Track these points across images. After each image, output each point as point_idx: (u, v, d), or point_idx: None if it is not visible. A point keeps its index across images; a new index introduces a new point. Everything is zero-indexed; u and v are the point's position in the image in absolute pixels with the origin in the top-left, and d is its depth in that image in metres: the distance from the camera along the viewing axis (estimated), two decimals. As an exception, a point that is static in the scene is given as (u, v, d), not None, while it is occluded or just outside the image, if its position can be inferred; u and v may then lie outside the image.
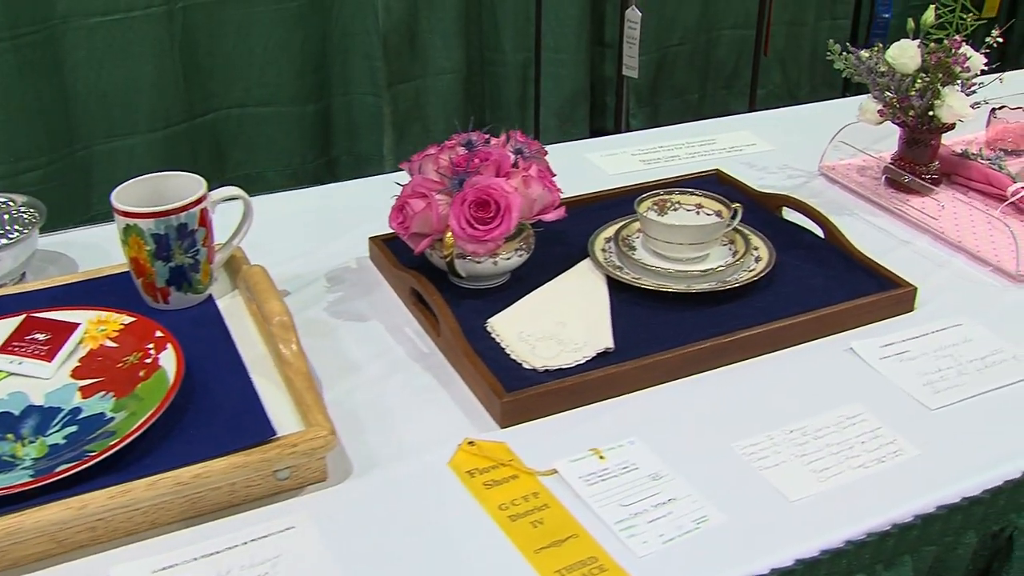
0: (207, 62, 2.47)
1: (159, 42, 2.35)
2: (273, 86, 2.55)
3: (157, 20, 2.34)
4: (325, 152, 2.73)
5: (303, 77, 2.59)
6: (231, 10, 2.45)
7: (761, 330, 1.00)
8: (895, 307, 1.06)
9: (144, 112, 2.39)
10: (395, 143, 2.71)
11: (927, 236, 1.23)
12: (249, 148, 2.61)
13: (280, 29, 2.51)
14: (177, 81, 2.42)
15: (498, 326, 1.02)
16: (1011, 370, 0.99)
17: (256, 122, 2.58)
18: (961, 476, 0.86)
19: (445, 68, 2.72)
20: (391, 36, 2.61)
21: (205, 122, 2.52)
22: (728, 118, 1.57)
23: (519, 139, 1.11)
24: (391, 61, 2.63)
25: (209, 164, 2.55)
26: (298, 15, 2.52)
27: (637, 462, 0.87)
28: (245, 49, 2.49)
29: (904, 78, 1.24)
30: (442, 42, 2.69)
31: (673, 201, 1.16)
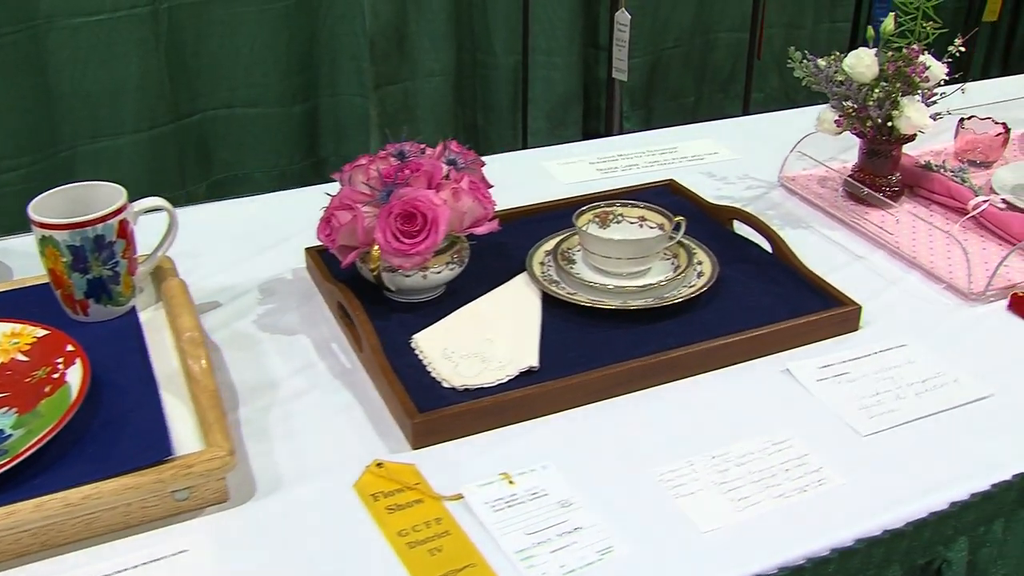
0: (193, 62, 2.45)
1: (144, 42, 2.34)
2: (260, 87, 2.54)
3: (142, 20, 2.32)
4: (312, 153, 2.71)
5: (290, 78, 2.57)
6: (217, 10, 2.43)
7: (692, 350, 0.97)
8: (838, 326, 1.03)
9: (129, 112, 2.38)
10: (382, 145, 2.68)
11: (883, 251, 1.19)
12: (236, 149, 2.59)
13: (266, 29, 2.49)
14: (163, 81, 2.40)
15: (423, 342, 0.99)
16: (950, 394, 0.95)
17: (243, 123, 2.57)
18: (885, 508, 0.82)
19: (434, 70, 2.69)
20: (378, 38, 2.58)
21: (192, 123, 2.51)
22: (692, 126, 1.54)
23: (454, 149, 1.08)
24: (378, 63, 2.60)
25: (196, 165, 2.54)
26: (284, 15, 2.50)
27: (548, 488, 0.84)
28: (231, 49, 2.48)
29: (861, 87, 1.20)
30: (431, 44, 2.66)
31: (616, 213, 1.13)
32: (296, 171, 2.69)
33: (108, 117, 2.37)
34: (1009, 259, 1.16)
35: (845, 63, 1.20)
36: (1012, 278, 1.12)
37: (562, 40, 2.78)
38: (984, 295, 1.09)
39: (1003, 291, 1.10)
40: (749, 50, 2.76)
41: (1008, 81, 1.87)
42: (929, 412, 0.93)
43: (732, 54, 3.06)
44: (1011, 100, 1.50)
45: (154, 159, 2.44)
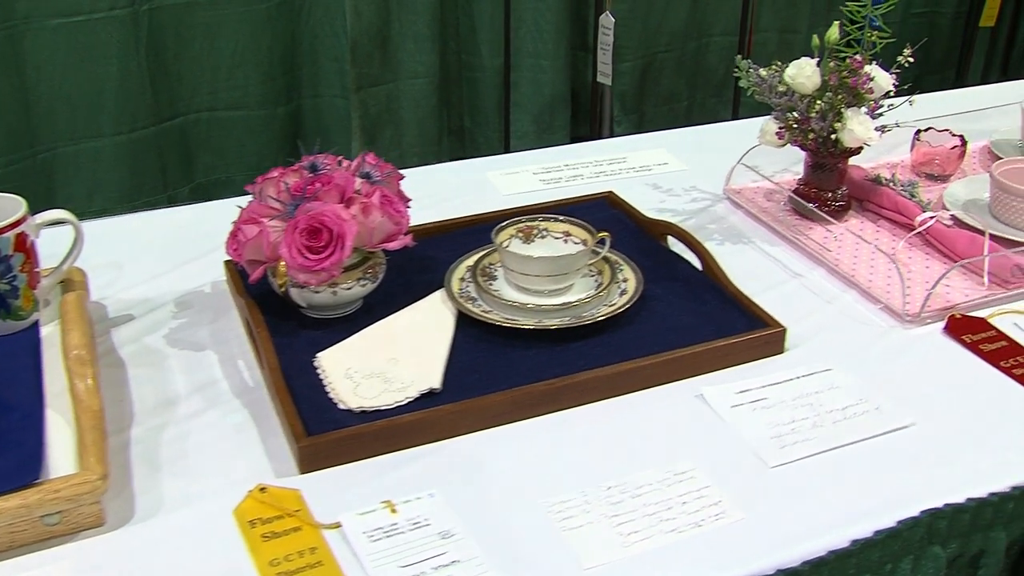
0: (174, 65, 2.44)
1: (124, 44, 2.33)
2: (242, 89, 2.52)
3: (121, 22, 2.31)
4: (295, 155, 2.68)
5: (272, 80, 2.55)
6: (198, 13, 2.42)
7: (601, 373, 0.93)
8: (761, 349, 0.99)
9: (109, 115, 2.37)
10: (364, 148, 2.66)
11: (823, 269, 1.15)
12: (218, 152, 2.58)
13: (248, 32, 2.47)
14: (143, 84, 2.39)
15: (326, 361, 0.96)
16: (869, 423, 0.91)
17: (225, 125, 2.55)
18: (782, 545, 0.78)
19: (417, 72, 2.66)
20: (361, 39, 2.56)
21: (173, 125, 2.50)
22: (646, 135, 1.50)
23: (369, 162, 1.06)
24: (360, 65, 2.58)
25: (178, 168, 2.53)
26: (266, 18, 2.48)
27: (430, 517, 0.81)
28: (213, 52, 2.46)
29: (803, 99, 1.15)
30: (414, 46, 2.63)
31: (540, 228, 1.09)
32: (279, 174, 2.67)
33: (88, 119, 2.36)
34: (951, 279, 1.11)
35: (786, 73, 1.16)
36: (952, 299, 1.08)
37: (549, 43, 2.74)
38: (919, 317, 1.04)
39: (941, 313, 1.06)
40: (739, 53, 2.71)
41: (998, 88, 1.82)
42: (844, 442, 0.88)
43: (725, 58, 3.01)
44: (970, 112, 1.44)
45: (135, 162, 2.43)
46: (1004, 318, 1.06)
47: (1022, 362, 1.00)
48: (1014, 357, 1.00)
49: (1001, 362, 0.99)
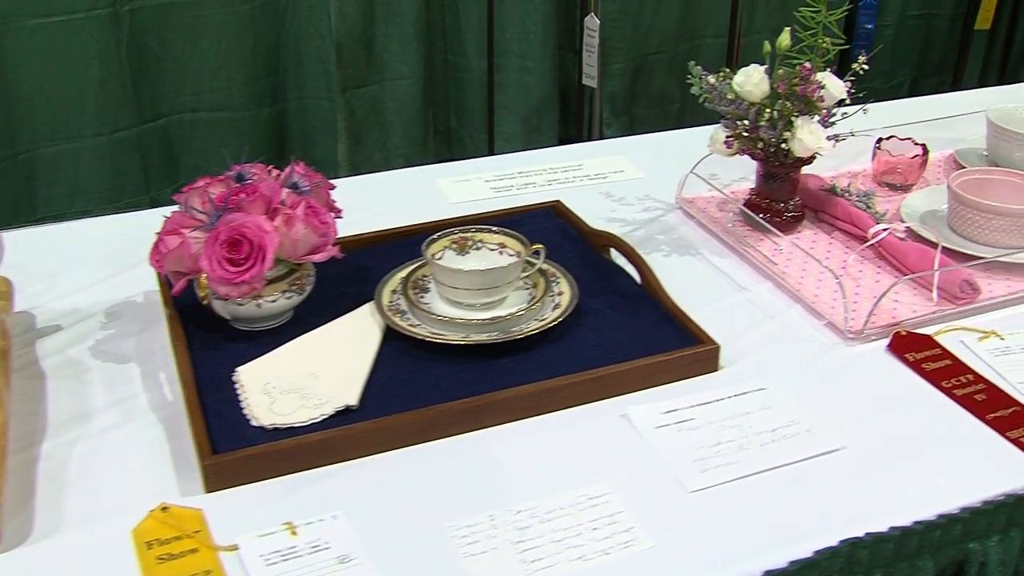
0: (157, 66, 2.43)
1: (104, 45, 2.32)
2: (225, 90, 2.51)
3: (102, 22, 2.30)
4: (281, 157, 2.67)
5: (257, 81, 2.54)
6: (180, 13, 2.40)
7: (522, 391, 0.90)
8: (693, 367, 0.96)
9: (91, 115, 2.36)
10: (350, 149, 2.65)
11: (770, 283, 1.11)
12: (203, 153, 2.57)
13: (231, 32, 2.46)
14: (125, 84, 2.38)
15: (245, 376, 0.94)
16: (798, 446, 0.88)
17: (209, 126, 2.54)
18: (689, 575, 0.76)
19: (403, 73, 2.64)
20: (346, 41, 2.54)
21: (156, 126, 2.49)
22: (606, 142, 1.47)
23: (298, 172, 1.03)
24: (345, 66, 2.56)
25: (161, 169, 2.52)
26: (249, 18, 2.47)
27: (331, 541, 0.78)
28: (196, 53, 2.45)
29: (752, 107, 1.12)
30: (400, 47, 2.61)
31: (475, 240, 1.07)
32: (264, 175, 2.66)
33: (68, 120, 2.35)
34: (901, 295, 1.08)
35: (734, 81, 1.13)
36: (899, 315, 1.05)
37: (535, 44, 2.71)
38: (862, 334, 1.01)
39: (886, 329, 1.02)
40: (727, 57, 2.67)
41: (986, 92, 1.78)
42: (769, 466, 0.85)
43: (718, 60, 2.96)
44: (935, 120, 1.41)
45: (117, 163, 2.43)
46: (951, 335, 1.03)
47: (965, 382, 0.96)
48: (957, 377, 0.97)
49: (943, 382, 0.96)
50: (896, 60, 3.09)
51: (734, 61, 2.74)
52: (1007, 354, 1.01)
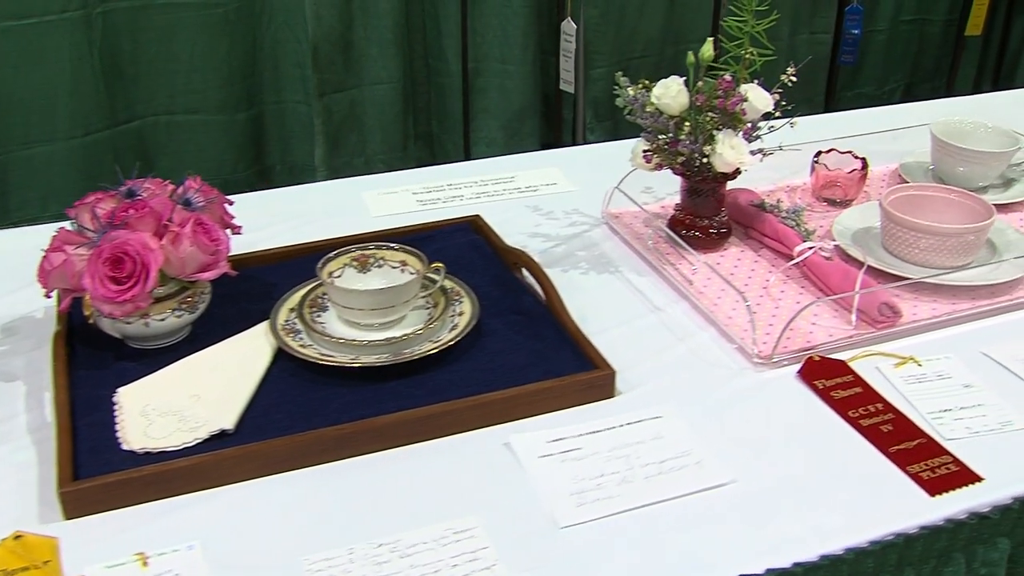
0: (130, 68, 2.42)
1: (76, 47, 2.31)
2: (200, 93, 2.49)
3: (74, 25, 2.29)
4: (258, 161, 2.66)
5: (232, 84, 2.52)
6: (154, 16, 2.39)
7: (396, 418, 0.87)
8: (585, 394, 0.92)
9: (63, 118, 2.35)
10: (328, 154, 2.62)
11: (686, 303, 1.08)
12: (178, 156, 2.56)
13: (206, 35, 2.44)
14: (97, 87, 2.37)
15: (126, 397, 0.92)
16: (685, 480, 0.84)
17: (184, 130, 2.53)
18: (547, 617, 0.72)
19: (382, 78, 2.61)
20: (322, 44, 2.52)
21: (130, 129, 2.48)
22: (542, 152, 1.44)
23: (191, 187, 1.01)
24: (323, 70, 2.54)
25: (136, 172, 2.51)
26: (224, 21, 2.45)
27: (182, 572, 0.76)
28: (170, 55, 2.43)
29: (670, 120, 1.08)
30: (378, 51, 2.59)
31: (377, 257, 1.04)
32: (241, 179, 2.64)
33: (41, 123, 2.34)
34: (820, 317, 1.04)
35: (653, 93, 1.09)
36: (815, 339, 1.00)
37: (516, 48, 2.68)
38: (771, 359, 0.97)
39: (798, 354, 0.98)
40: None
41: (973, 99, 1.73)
42: (650, 501, 0.82)
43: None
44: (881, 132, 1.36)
45: (91, 165, 2.42)
46: (867, 361, 0.99)
47: (873, 412, 0.92)
48: (865, 406, 0.92)
49: (849, 411, 0.92)
50: (888, 66, 3.02)
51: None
52: (922, 382, 0.96)
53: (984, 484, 0.84)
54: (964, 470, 0.86)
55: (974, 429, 0.90)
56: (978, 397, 0.94)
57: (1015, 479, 0.85)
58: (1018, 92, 1.88)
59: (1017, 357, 0.99)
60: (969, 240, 1.09)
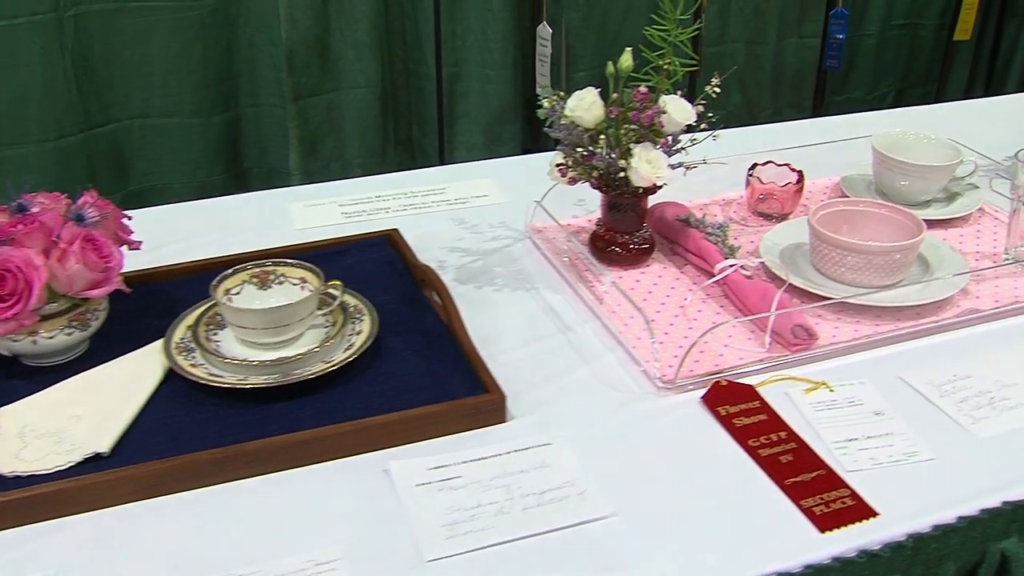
0: (104, 71, 2.41)
1: (48, 50, 2.30)
2: (175, 96, 2.48)
3: (44, 28, 2.29)
4: (235, 164, 2.65)
5: (207, 88, 2.51)
6: (126, 18, 2.38)
7: (273, 443, 0.84)
8: (472, 419, 0.89)
9: (34, 121, 2.35)
10: (303, 158, 2.60)
11: (598, 322, 1.04)
12: (153, 159, 2.55)
13: (180, 38, 2.43)
14: (70, 90, 2.37)
15: (6, 417, 0.89)
16: (563, 512, 0.80)
17: (160, 132, 2.52)
18: (397, 657, 0.69)
19: (359, 82, 2.59)
20: (298, 48, 2.50)
21: (104, 132, 2.47)
22: (476, 163, 1.41)
23: (87, 202, 0.98)
24: (298, 74, 2.52)
25: (110, 175, 2.50)
26: (198, 25, 2.44)
27: (29, 606, 0.74)
28: (144, 58, 2.43)
29: (585, 133, 1.05)
30: (355, 54, 2.57)
31: (278, 274, 1.01)
32: (218, 182, 2.63)
33: (12, 126, 2.34)
34: (734, 339, 1.00)
35: (568, 105, 1.06)
36: (725, 362, 0.97)
37: (496, 52, 2.65)
38: (674, 383, 0.94)
39: (707, 378, 0.94)
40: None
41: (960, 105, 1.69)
42: (524, 534, 0.78)
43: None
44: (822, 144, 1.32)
45: (64, 169, 2.41)
46: (778, 386, 0.95)
47: (775, 440, 0.88)
48: (768, 434, 0.89)
49: (750, 440, 0.88)
50: (879, 71, 2.97)
51: (698, 72, 2.66)
52: (832, 409, 0.92)
53: (879, 520, 0.80)
54: (860, 504, 0.82)
55: (878, 460, 0.86)
56: (888, 426, 0.91)
57: (913, 514, 0.81)
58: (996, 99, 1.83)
59: (933, 382, 0.96)
60: (896, 259, 1.05)
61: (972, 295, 1.08)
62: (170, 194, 2.62)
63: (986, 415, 0.92)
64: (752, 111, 2.93)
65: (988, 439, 0.89)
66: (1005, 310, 1.06)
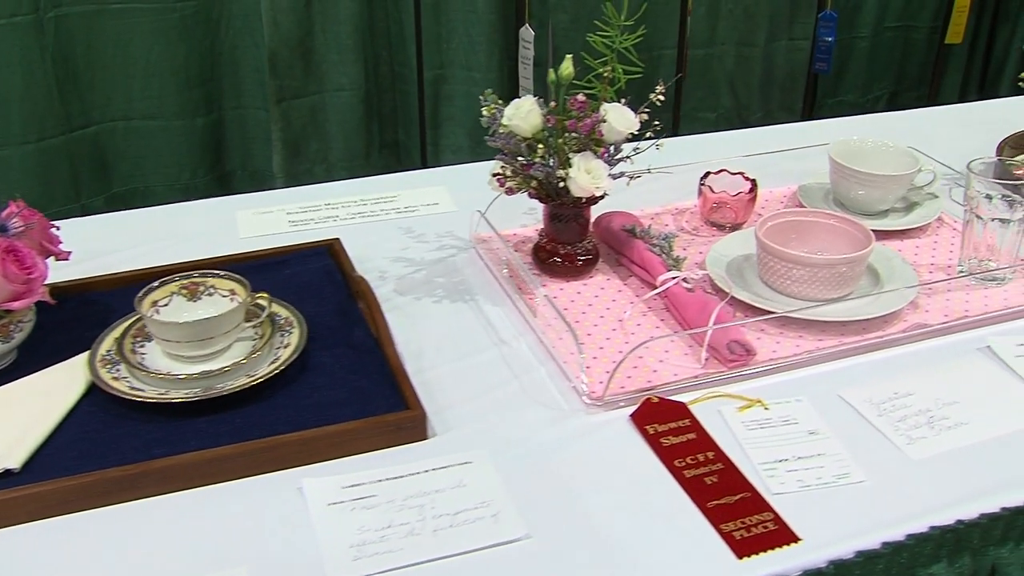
0: (86, 73, 2.41)
1: (27, 52, 2.30)
2: (157, 99, 2.48)
3: (23, 29, 2.28)
4: (218, 167, 2.64)
5: (191, 89, 2.50)
6: (108, 20, 2.38)
7: (182, 460, 0.83)
8: (392, 436, 0.87)
9: (15, 123, 2.34)
10: (287, 161, 2.59)
11: (533, 336, 1.02)
12: (136, 161, 2.54)
13: (162, 41, 2.42)
14: (51, 92, 2.36)
15: (-80, 430, 0.89)
16: (474, 534, 0.78)
17: (142, 135, 2.51)
18: None
19: (343, 84, 2.58)
20: (280, 50, 2.49)
21: (86, 134, 2.47)
22: (439, 170, 1.39)
23: (12, 212, 0.97)
24: (281, 76, 2.51)
25: (92, 177, 2.50)
26: (180, 27, 2.43)
27: (-80, 627, 0.72)
28: (127, 60, 2.42)
29: (522, 142, 1.03)
30: (338, 57, 2.55)
31: (208, 285, 0.99)
32: (201, 184, 2.62)
33: (-8, 127, 2.35)
34: (672, 354, 0.97)
35: (505, 113, 1.03)
36: (659, 378, 0.94)
37: (481, 55, 2.63)
38: (603, 399, 0.91)
39: (638, 395, 0.92)
40: (677, 68, 2.57)
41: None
42: (431, 557, 0.76)
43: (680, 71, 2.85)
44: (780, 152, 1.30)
45: (45, 171, 2.41)
46: (711, 403, 0.93)
47: (702, 461, 0.86)
48: (695, 454, 0.86)
49: (676, 460, 0.86)
50: (872, 73, 2.93)
51: (684, 74, 2.63)
52: (765, 427, 0.90)
53: (801, 545, 0.78)
54: (783, 529, 0.79)
55: (806, 482, 0.84)
56: (821, 446, 0.88)
57: (836, 539, 0.78)
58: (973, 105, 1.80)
59: (873, 400, 0.93)
60: (842, 271, 1.03)
61: (922, 309, 1.06)
62: (153, 197, 2.61)
63: (923, 435, 0.89)
64: (742, 114, 2.90)
65: (922, 461, 0.86)
66: (953, 325, 1.03)
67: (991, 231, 1.09)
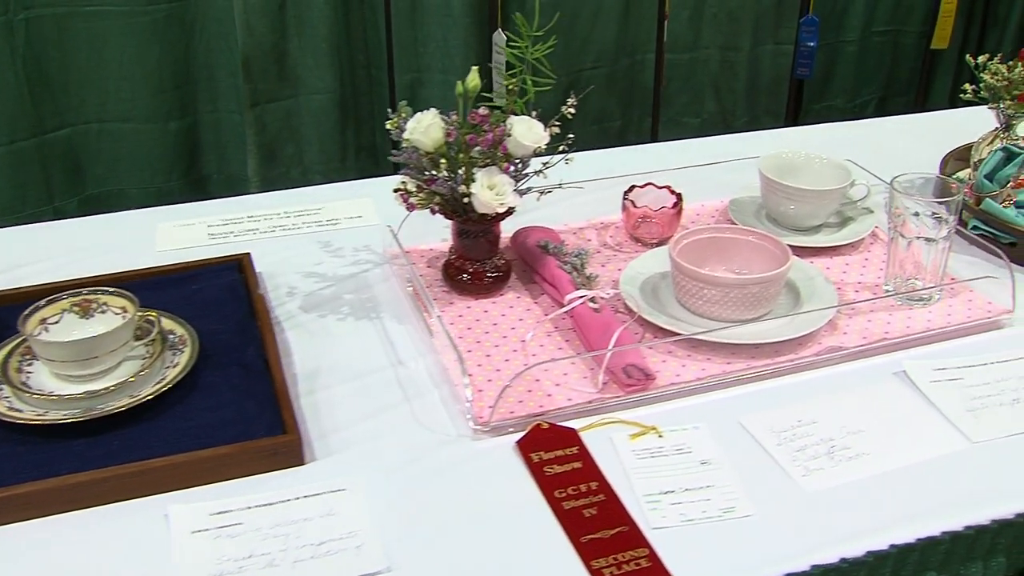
0: (59, 76, 2.40)
1: (-3, 54, 2.30)
2: (130, 101, 2.47)
3: (-7, 32, 2.29)
4: (194, 170, 2.63)
5: (164, 93, 2.49)
6: (79, 22, 2.37)
7: (44, 485, 0.80)
8: (267, 461, 0.84)
9: (-14, 126, 2.35)
10: (262, 165, 2.58)
11: (434, 356, 0.99)
12: (110, 164, 2.54)
13: (135, 44, 2.41)
14: (22, 95, 2.36)
15: None
16: (336, 566, 0.76)
17: (116, 138, 2.50)
18: None
19: (318, 88, 2.56)
20: (254, 54, 2.47)
21: (59, 137, 2.46)
22: (368, 181, 1.37)
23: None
24: (256, 80, 2.50)
25: (65, 180, 2.49)
26: (153, 29, 2.42)
27: None
28: (100, 63, 2.41)
29: (425, 156, 1.00)
30: (313, 61, 2.53)
31: (100, 302, 0.97)
32: (176, 188, 2.61)
33: (-38, 130, 2.35)
34: (570, 378, 0.94)
35: (408, 126, 1.01)
36: (553, 404, 0.91)
37: (457, 59, 2.60)
38: (489, 425, 0.88)
39: (528, 420, 0.89)
40: (656, 73, 2.53)
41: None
42: (287, 590, 0.74)
43: (665, 76, 2.81)
44: (712, 164, 1.27)
45: (17, 173, 2.41)
46: (604, 430, 0.89)
47: (583, 492, 0.83)
48: (577, 485, 0.83)
49: (556, 491, 0.83)
50: (860, 78, 2.88)
51: (661, 80, 2.59)
52: (656, 456, 0.87)
53: (672, 583, 0.75)
54: (656, 566, 0.76)
55: (689, 516, 0.81)
56: (711, 476, 0.85)
57: (710, 578, 0.76)
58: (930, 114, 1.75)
59: (774, 428, 0.90)
60: (754, 292, 0.99)
61: (840, 331, 1.02)
62: (127, 200, 2.61)
63: (820, 466, 0.86)
64: (727, 119, 2.85)
65: (815, 493, 0.83)
66: (869, 348, 0.99)
67: (916, 248, 1.05)
